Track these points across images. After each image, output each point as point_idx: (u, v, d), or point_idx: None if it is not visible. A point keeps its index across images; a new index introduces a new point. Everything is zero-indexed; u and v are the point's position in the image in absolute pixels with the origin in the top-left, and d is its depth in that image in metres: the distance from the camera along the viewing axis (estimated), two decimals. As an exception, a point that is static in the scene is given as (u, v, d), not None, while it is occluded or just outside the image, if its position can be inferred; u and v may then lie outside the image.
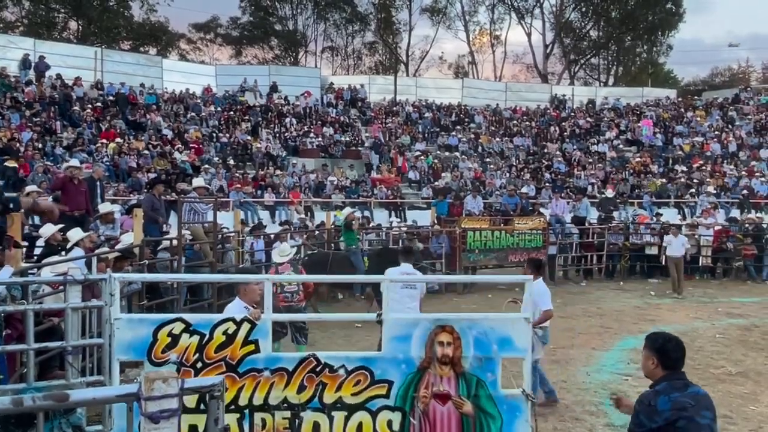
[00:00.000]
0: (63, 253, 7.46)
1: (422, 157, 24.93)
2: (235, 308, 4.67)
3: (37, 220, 10.61)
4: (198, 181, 11.97)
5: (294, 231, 14.40)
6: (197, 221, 10.30)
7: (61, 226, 8.29)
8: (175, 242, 9.29)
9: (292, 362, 3.91)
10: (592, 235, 16.57)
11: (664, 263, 14.44)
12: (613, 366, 8.34)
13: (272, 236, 12.80)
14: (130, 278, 5.29)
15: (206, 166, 20.20)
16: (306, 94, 28.61)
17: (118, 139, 20.20)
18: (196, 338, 3.91)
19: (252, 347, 3.91)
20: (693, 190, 23.07)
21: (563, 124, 30.31)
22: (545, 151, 27.66)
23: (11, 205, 4.94)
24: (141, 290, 7.69)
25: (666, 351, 3.42)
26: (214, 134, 23.45)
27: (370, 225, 16.81)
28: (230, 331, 3.91)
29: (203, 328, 3.94)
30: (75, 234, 7.85)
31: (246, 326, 3.91)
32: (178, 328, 3.93)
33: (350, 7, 44.09)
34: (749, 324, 11.00)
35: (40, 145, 18.21)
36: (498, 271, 16.44)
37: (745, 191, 22.70)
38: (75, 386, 4.41)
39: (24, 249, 6.96)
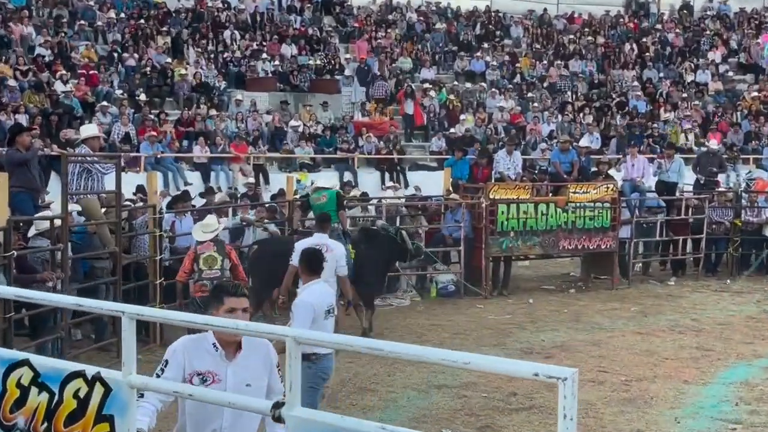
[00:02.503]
0: None
1: (432, 92, 24.78)
2: (192, 346, 4.35)
3: None
4: (91, 128, 11.89)
5: (238, 203, 14.36)
6: (92, 190, 10.21)
7: None
8: (57, 222, 9.23)
9: None
10: (686, 210, 16.60)
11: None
12: (714, 408, 8.40)
13: (202, 210, 12.73)
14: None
15: (104, 103, 19.96)
16: (255, -7, 28.31)
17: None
18: (45, 396, 3.79)
19: (107, 427, 3.66)
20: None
21: (644, 40, 30.14)
22: (616, 81, 27.59)
23: None
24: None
25: None
26: (116, 54, 23.22)
27: (351, 194, 16.76)
28: (81, 394, 3.72)
29: (52, 382, 3.81)
30: None
31: (99, 390, 3.71)
32: (26, 376, 3.82)
33: None
34: None
35: None
36: (544, 263, 16.50)
37: None
38: None
39: None
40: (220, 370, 4.24)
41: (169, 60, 23.43)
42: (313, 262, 6.96)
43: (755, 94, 26.69)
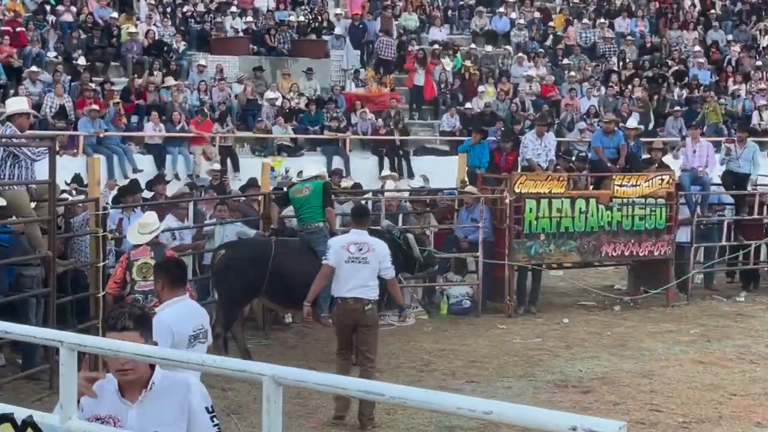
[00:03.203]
0: None
1: (444, 58, 24.69)
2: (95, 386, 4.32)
3: None
4: (18, 102, 11.76)
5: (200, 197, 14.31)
6: (19, 179, 10.14)
7: None
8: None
9: None
10: (761, 208, 16.54)
11: None
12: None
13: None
14: None
15: (34, 69, 19.97)
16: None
17: None
18: None
19: None
20: None
21: (707, -6, 30.15)
22: (674, 45, 27.52)
23: None
24: None
25: None
26: (49, 7, 23.13)
27: (343, 185, 16.73)
28: None
29: None
30: None
31: None
32: None
33: None
34: None
35: None
36: (582, 273, 16.43)
37: None
38: None
39: None
40: (121, 414, 4.22)
41: (114, 15, 23.41)
42: (175, 274, 6.65)
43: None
